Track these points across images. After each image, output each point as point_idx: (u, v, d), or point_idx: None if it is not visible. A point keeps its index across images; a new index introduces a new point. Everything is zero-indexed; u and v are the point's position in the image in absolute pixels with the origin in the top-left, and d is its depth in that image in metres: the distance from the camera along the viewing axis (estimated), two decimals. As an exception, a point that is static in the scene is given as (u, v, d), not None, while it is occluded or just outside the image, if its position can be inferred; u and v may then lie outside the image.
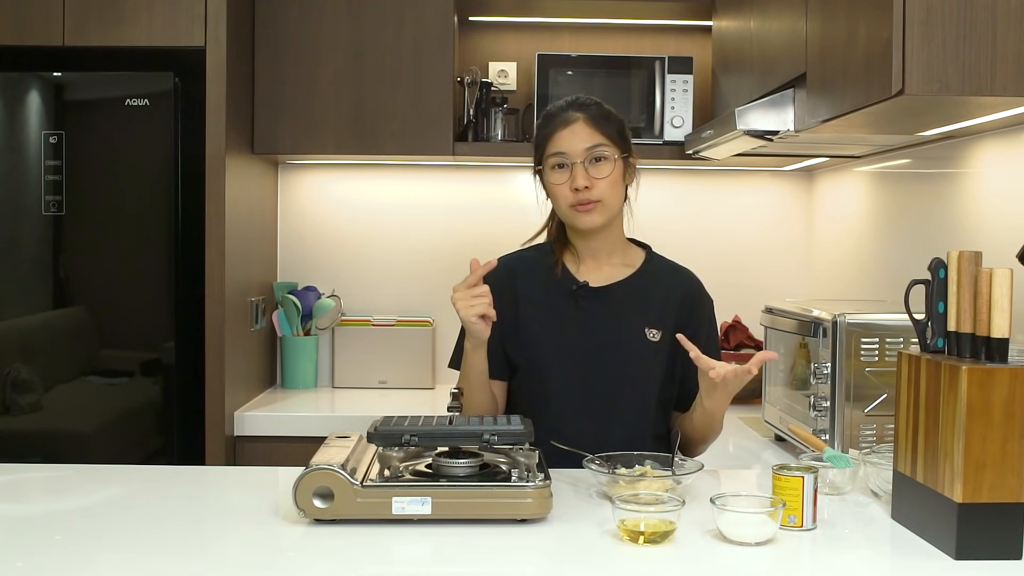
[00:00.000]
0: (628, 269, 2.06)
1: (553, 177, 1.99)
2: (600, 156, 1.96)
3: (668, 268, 2.11)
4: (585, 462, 1.79)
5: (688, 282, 2.08)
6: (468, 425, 1.74)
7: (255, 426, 2.85)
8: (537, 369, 1.99)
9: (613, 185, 1.97)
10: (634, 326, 2.01)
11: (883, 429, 2.11)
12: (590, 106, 2.00)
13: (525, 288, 2.05)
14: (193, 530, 1.65)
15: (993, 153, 2.23)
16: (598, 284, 2.04)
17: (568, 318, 2.01)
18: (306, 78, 3.07)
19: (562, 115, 1.99)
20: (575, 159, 1.96)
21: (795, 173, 3.48)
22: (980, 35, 1.69)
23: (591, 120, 1.97)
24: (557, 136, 1.98)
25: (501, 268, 2.04)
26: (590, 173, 1.95)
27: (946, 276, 1.57)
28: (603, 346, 1.99)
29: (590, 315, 2.01)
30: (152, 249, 2.78)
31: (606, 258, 2.06)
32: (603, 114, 2.00)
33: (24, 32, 2.73)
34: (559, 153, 1.97)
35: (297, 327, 3.26)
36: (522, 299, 2.04)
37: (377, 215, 3.44)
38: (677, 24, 3.44)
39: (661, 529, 1.51)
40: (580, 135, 1.96)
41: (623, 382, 1.99)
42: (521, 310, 2.03)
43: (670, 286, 2.06)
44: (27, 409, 2.77)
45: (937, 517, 1.50)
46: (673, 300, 2.04)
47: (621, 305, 2.02)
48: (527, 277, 2.06)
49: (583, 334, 2.00)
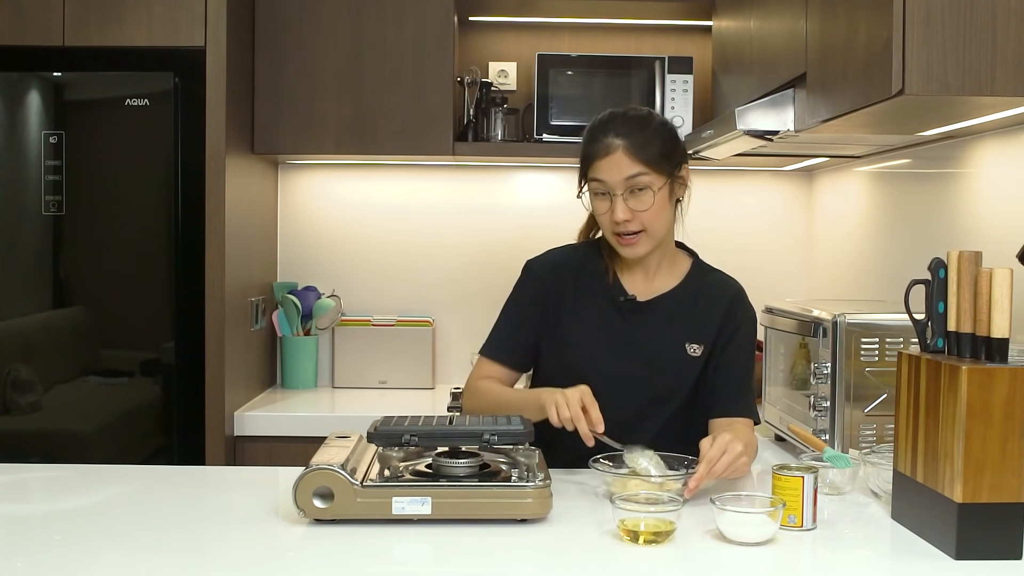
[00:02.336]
0: (674, 280, 2.03)
1: (596, 204, 1.94)
2: (640, 187, 1.89)
3: (712, 279, 2.06)
4: (591, 461, 1.80)
5: (731, 293, 2.04)
6: (468, 425, 1.74)
7: (255, 426, 2.85)
8: (575, 378, 1.90)
9: (657, 214, 1.91)
10: (677, 342, 1.98)
11: (883, 429, 2.11)
12: (631, 131, 1.90)
13: (571, 290, 2.01)
14: (193, 530, 1.65)
15: (993, 153, 2.23)
16: (645, 298, 2.00)
17: (612, 330, 1.99)
18: (306, 78, 3.07)
19: (603, 141, 1.90)
20: (615, 190, 1.89)
21: (795, 173, 3.48)
22: (980, 35, 1.69)
23: (631, 149, 1.88)
24: (597, 164, 1.90)
25: (544, 265, 2.04)
26: (630, 205, 1.89)
27: (946, 276, 1.57)
28: (644, 361, 1.98)
29: (634, 329, 1.98)
30: (152, 249, 2.78)
31: (654, 269, 2.02)
32: (644, 140, 1.89)
33: (24, 32, 2.73)
34: (599, 181, 1.91)
35: (297, 327, 3.26)
36: (567, 300, 2.01)
37: (377, 215, 3.44)
38: (677, 24, 3.43)
39: (661, 529, 1.51)
40: (619, 165, 1.88)
41: (662, 397, 1.97)
42: (565, 310, 2.00)
43: (713, 297, 2.02)
44: (27, 409, 2.77)
45: (937, 517, 1.50)
46: (714, 312, 2.00)
47: (665, 320, 1.99)
48: (573, 277, 2.02)
49: (625, 348, 1.96)
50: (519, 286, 2.07)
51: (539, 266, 2.06)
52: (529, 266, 2.08)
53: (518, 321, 2.05)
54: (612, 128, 1.91)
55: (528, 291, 2.05)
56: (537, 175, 3.47)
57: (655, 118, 1.96)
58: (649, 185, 1.89)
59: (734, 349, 2.00)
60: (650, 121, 1.94)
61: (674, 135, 1.96)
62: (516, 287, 2.08)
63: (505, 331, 2.07)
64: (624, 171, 1.88)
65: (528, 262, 2.09)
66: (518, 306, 2.06)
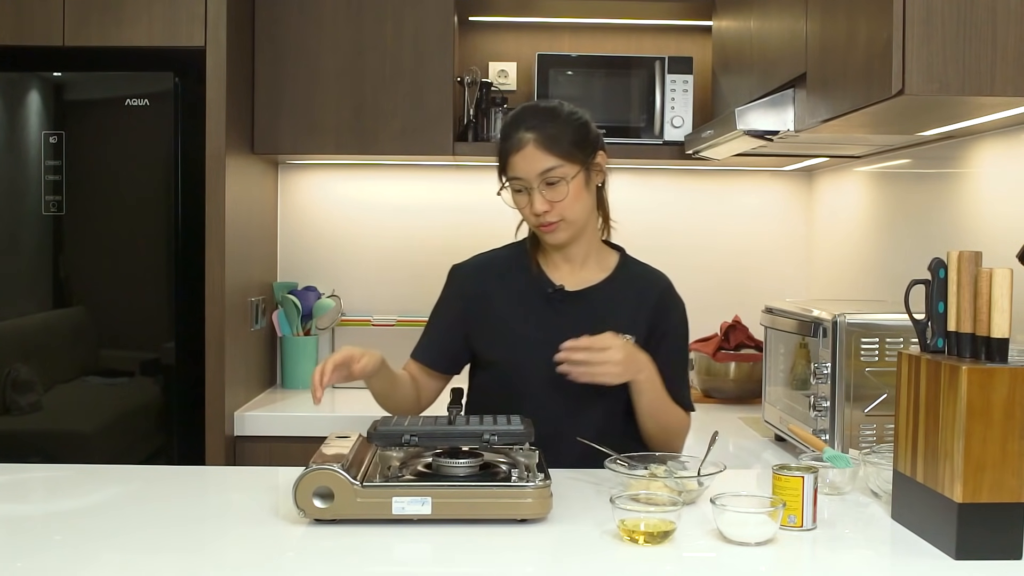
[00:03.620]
0: (603, 272, 2.08)
1: (516, 200, 2.00)
2: (555, 179, 1.93)
3: (641, 271, 2.12)
4: (607, 463, 1.80)
5: (661, 286, 2.09)
6: (468, 425, 1.74)
7: (255, 426, 2.85)
8: (512, 368, 2.00)
9: (573, 202, 1.95)
10: (608, 330, 1.98)
11: (883, 429, 2.11)
12: (541, 124, 1.94)
13: (499, 287, 2.06)
14: (193, 530, 1.65)
15: (993, 153, 2.23)
16: (573, 288, 2.04)
17: (544, 320, 2.02)
18: (306, 78, 3.07)
19: (514, 136, 1.94)
20: (531, 185, 1.94)
21: (795, 173, 3.48)
22: (980, 35, 1.69)
23: (542, 142, 1.92)
24: (512, 160, 1.95)
25: (471, 267, 2.09)
26: (546, 196, 1.94)
27: (946, 276, 1.57)
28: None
29: (565, 319, 2.00)
30: (152, 249, 2.78)
31: (580, 262, 2.06)
32: (554, 131, 1.93)
33: (24, 32, 2.73)
34: (516, 178, 1.96)
35: (297, 327, 3.27)
36: (496, 298, 2.05)
37: (377, 215, 3.44)
38: (677, 24, 3.44)
39: (661, 529, 1.51)
40: (532, 160, 1.92)
41: (597, 385, 1.95)
42: (495, 309, 2.05)
43: (643, 289, 2.07)
44: (27, 409, 2.77)
45: (937, 517, 1.50)
46: (646, 304, 2.05)
47: (596, 310, 2.02)
48: (501, 276, 2.07)
49: (558, 337, 1.94)
50: (444, 291, 2.13)
51: (463, 270, 2.12)
52: (453, 271, 2.13)
53: (441, 324, 2.11)
54: (523, 123, 1.95)
55: (451, 295, 2.11)
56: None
57: (564, 108, 1.99)
58: (563, 176, 1.93)
59: (670, 343, 2.05)
60: (559, 112, 1.97)
61: (584, 124, 1.99)
62: (442, 292, 2.14)
63: (428, 334, 2.13)
64: (538, 165, 1.92)
65: (453, 267, 2.14)
66: (440, 309, 2.13)
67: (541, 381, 1.94)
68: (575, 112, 2.00)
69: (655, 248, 3.47)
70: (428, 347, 2.12)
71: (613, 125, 3.16)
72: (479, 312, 2.05)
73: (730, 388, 3.11)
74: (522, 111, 1.99)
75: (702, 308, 3.42)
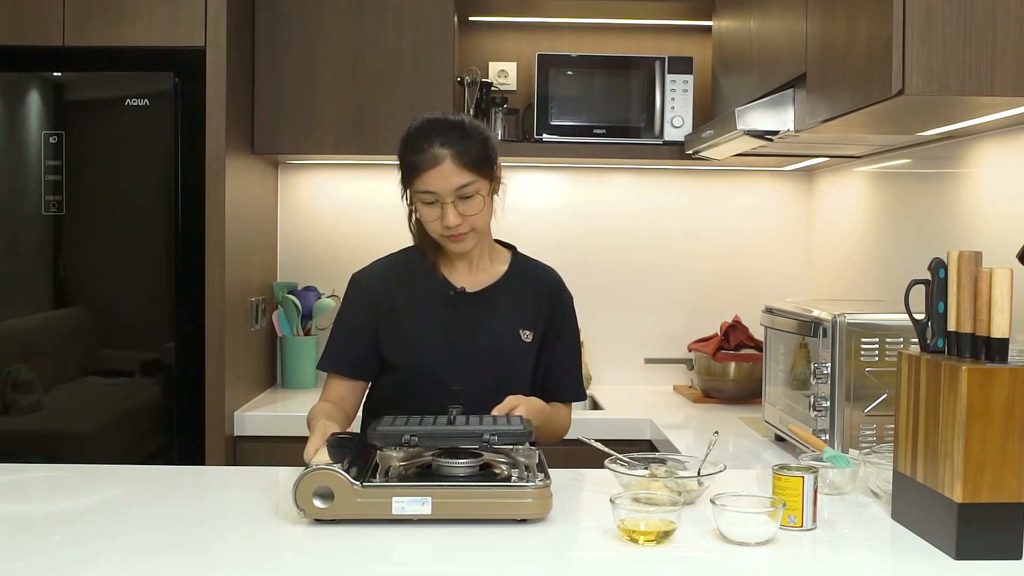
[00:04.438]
0: (498, 271, 2.12)
1: (424, 212, 1.99)
2: (469, 194, 1.95)
3: (533, 268, 2.17)
4: (607, 462, 1.81)
5: (553, 282, 2.16)
6: (468, 425, 1.74)
7: (255, 426, 2.85)
8: (421, 370, 2.03)
9: (484, 214, 2.00)
10: (510, 329, 2.08)
11: (883, 429, 2.11)
12: (456, 138, 1.94)
13: (401, 292, 2.09)
14: (193, 530, 1.65)
15: (993, 153, 2.23)
16: (473, 289, 2.09)
17: (448, 322, 2.06)
18: (306, 78, 3.07)
19: (429, 152, 1.92)
20: (445, 199, 1.95)
21: (795, 173, 3.48)
22: (980, 35, 1.69)
23: (457, 158, 1.93)
24: (425, 175, 1.94)
25: (372, 275, 2.12)
26: (460, 210, 1.96)
27: (946, 276, 1.57)
28: (483, 349, 2.05)
29: (469, 319, 2.07)
30: (152, 249, 2.78)
31: (476, 262, 2.11)
32: (467, 147, 1.94)
33: (24, 32, 2.73)
34: (428, 192, 1.95)
35: (297, 327, 3.26)
36: (399, 303, 2.08)
37: (377, 215, 3.44)
38: (677, 24, 3.44)
39: (661, 529, 1.51)
40: (448, 176, 1.93)
41: (503, 382, 2.03)
42: (400, 314, 2.07)
43: (537, 286, 2.13)
44: (27, 409, 2.77)
45: (937, 517, 1.50)
46: (542, 300, 2.12)
47: (496, 309, 2.08)
48: (402, 282, 2.10)
49: (463, 337, 2.04)
50: (348, 298, 2.13)
51: (366, 277, 2.13)
52: (356, 279, 2.15)
53: (352, 332, 2.10)
54: (435, 137, 1.94)
55: (358, 302, 2.11)
56: (537, 175, 3.47)
57: (469, 122, 2.00)
58: (478, 191, 1.96)
59: (566, 336, 2.14)
60: (468, 128, 1.98)
61: (488, 137, 2.01)
62: (345, 300, 2.14)
63: (340, 342, 2.11)
64: (454, 180, 1.94)
65: (354, 275, 2.15)
66: (351, 317, 2.11)
67: (448, 381, 1.94)
68: (479, 126, 2.02)
69: (655, 248, 3.50)
70: (344, 357, 2.10)
71: (613, 125, 3.16)
72: (385, 318, 2.07)
73: (730, 388, 3.11)
74: (430, 125, 1.97)
75: (702, 308, 3.45)
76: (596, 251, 3.46)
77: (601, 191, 3.47)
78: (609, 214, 3.46)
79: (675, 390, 3.38)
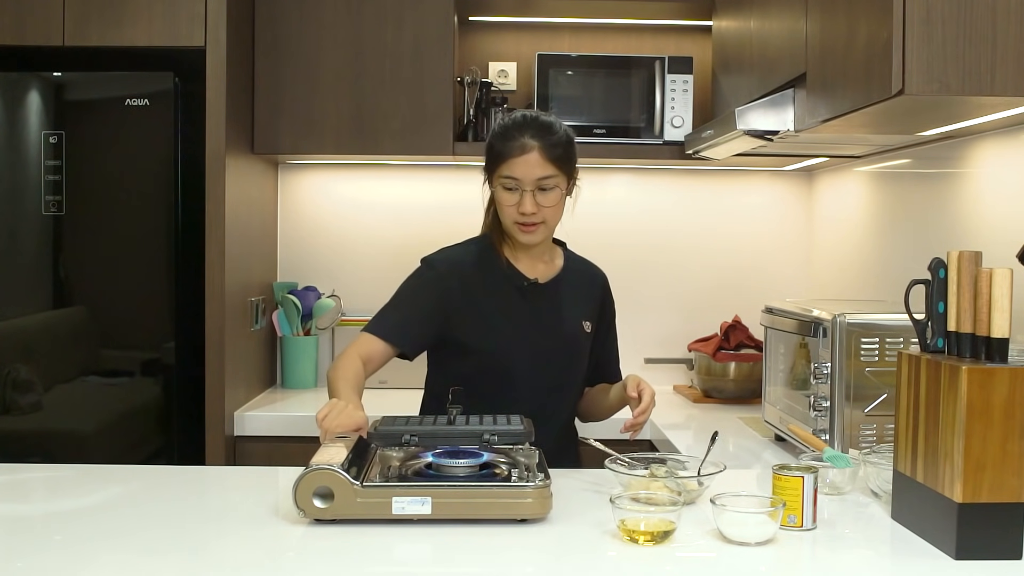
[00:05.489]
0: (557, 265, 2.25)
1: (503, 196, 2.11)
2: (549, 186, 2.08)
3: (584, 263, 2.32)
4: (607, 462, 1.81)
5: (602, 276, 2.33)
6: (468, 425, 1.74)
7: (255, 426, 2.85)
8: (500, 355, 2.14)
9: (557, 208, 2.12)
10: (575, 318, 2.22)
11: (883, 429, 2.11)
12: (546, 133, 2.08)
13: (476, 279, 2.18)
14: (193, 530, 1.65)
15: (993, 153, 2.23)
16: (543, 280, 2.21)
17: (522, 311, 2.17)
18: (306, 78, 3.07)
19: (519, 141, 2.07)
20: (526, 187, 2.07)
21: (795, 173, 3.48)
22: (980, 35, 1.69)
23: (545, 151, 2.06)
24: (512, 161, 2.07)
25: (446, 260, 2.20)
26: (538, 200, 2.08)
27: (946, 276, 1.57)
28: (554, 337, 2.18)
29: (540, 309, 2.19)
30: (152, 249, 2.78)
31: (539, 256, 2.22)
32: (556, 142, 2.08)
33: (24, 32, 2.73)
34: (511, 178, 2.08)
35: (297, 327, 3.26)
36: (475, 291, 2.16)
37: (377, 215, 3.44)
38: (677, 24, 3.44)
39: (661, 529, 1.51)
40: (533, 166, 2.06)
41: (571, 369, 2.21)
42: (476, 301, 2.16)
43: (591, 281, 2.30)
44: (27, 409, 2.77)
45: (937, 517, 1.50)
46: (595, 293, 2.29)
47: (563, 299, 2.22)
48: (475, 270, 2.19)
49: (536, 326, 2.17)
50: (418, 278, 2.21)
51: (439, 262, 2.21)
52: (429, 261, 2.22)
53: (414, 309, 2.17)
54: (527, 130, 2.08)
55: (428, 284, 2.18)
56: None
57: (560, 124, 2.14)
58: (557, 184, 2.09)
59: (612, 328, 2.35)
60: (557, 127, 2.12)
61: (573, 140, 2.15)
62: (414, 278, 2.21)
63: (398, 314, 2.17)
64: (537, 171, 2.07)
65: (426, 258, 2.23)
66: (416, 296, 2.19)
67: (525, 364, 2.13)
68: (567, 129, 2.15)
69: (655, 248, 3.50)
70: (402, 330, 2.15)
71: (613, 125, 3.16)
72: (460, 304, 2.15)
73: (730, 388, 3.11)
74: (524, 118, 2.11)
75: (702, 308, 3.45)
76: (596, 251, 3.41)
77: (601, 191, 3.47)
78: (609, 214, 3.46)
79: (675, 390, 3.38)
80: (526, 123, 2.09)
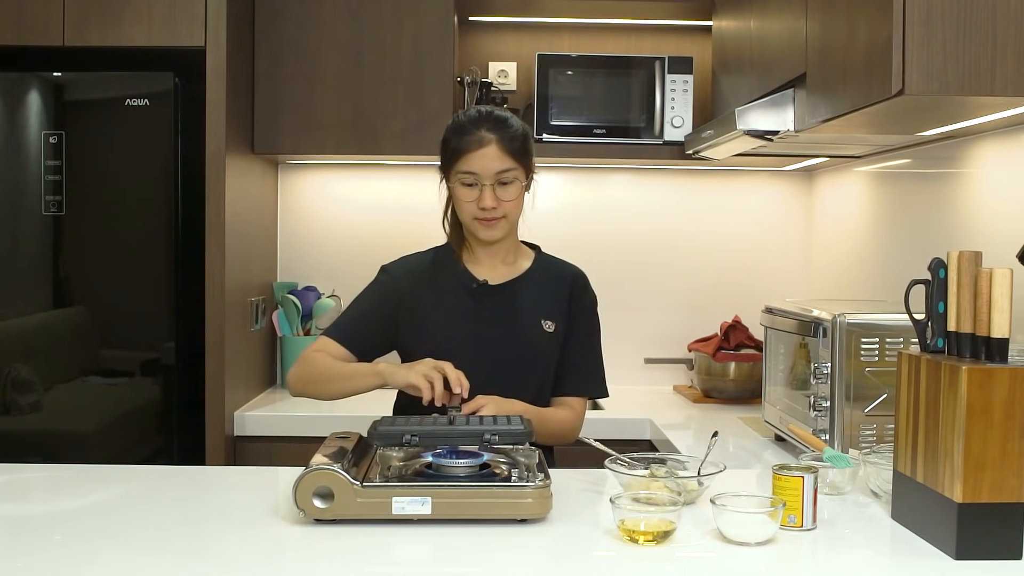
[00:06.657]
0: (521, 267, 2.20)
1: (461, 192, 2.09)
2: (508, 180, 2.07)
3: (557, 264, 2.24)
4: (607, 462, 1.81)
5: (572, 274, 2.22)
6: (468, 425, 1.74)
7: (255, 426, 2.85)
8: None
9: (518, 203, 2.11)
10: (532, 318, 2.14)
11: (883, 429, 2.11)
12: (502, 126, 2.07)
13: (426, 286, 2.16)
14: (193, 530, 1.65)
15: (993, 153, 2.23)
16: (496, 282, 2.16)
17: (470, 313, 2.14)
18: (306, 78, 3.07)
19: (476, 135, 2.05)
20: (485, 181, 2.06)
21: (795, 173, 3.48)
22: (980, 35, 1.69)
23: (503, 143, 2.05)
24: (469, 156, 2.05)
25: (402, 268, 2.19)
26: (497, 194, 2.06)
27: (946, 276, 1.57)
28: (504, 338, 2.12)
29: (490, 310, 2.14)
30: (152, 249, 2.78)
31: (502, 258, 2.18)
32: (513, 135, 2.07)
33: (24, 32, 2.73)
34: (470, 172, 2.06)
35: (297, 327, 3.26)
36: (426, 297, 2.15)
37: (377, 215, 3.44)
38: (677, 24, 3.44)
39: (661, 529, 1.51)
40: (492, 159, 2.05)
41: (524, 370, 2.12)
42: (422, 305, 2.14)
43: (559, 279, 2.20)
44: (27, 409, 2.77)
45: (937, 517, 1.50)
46: (562, 291, 2.19)
47: (518, 300, 2.16)
48: (427, 276, 2.17)
49: (484, 327, 2.12)
50: (374, 285, 2.21)
51: (393, 268, 2.22)
52: (385, 269, 2.23)
53: (368, 315, 2.19)
54: (484, 124, 2.07)
55: (382, 291, 2.19)
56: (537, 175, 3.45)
57: (513, 118, 2.13)
58: (516, 178, 2.08)
59: (581, 328, 2.19)
60: (512, 121, 2.11)
61: (530, 135, 2.15)
62: (371, 286, 2.22)
63: (355, 319, 2.19)
64: (496, 164, 2.05)
65: (383, 266, 2.23)
66: (371, 302, 2.19)
67: (470, 368, 1.97)
68: (522, 123, 2.14)
69: (655, 248, 3.50)
70: (356, 335, 2.15)
71: (613, 125, 3.16)
72: (411, 311, 2.14)
73: (730, 388, 3.11)
74: (479, 113, 2.10)
75: (702, 308, 3.45)
76: (596, 251, 3.45)
77: (601, 191, 3.48)
78: (609, 214, 3.46)
79: (675, 390, 3.38)
80: (482, 118, 2.08)
